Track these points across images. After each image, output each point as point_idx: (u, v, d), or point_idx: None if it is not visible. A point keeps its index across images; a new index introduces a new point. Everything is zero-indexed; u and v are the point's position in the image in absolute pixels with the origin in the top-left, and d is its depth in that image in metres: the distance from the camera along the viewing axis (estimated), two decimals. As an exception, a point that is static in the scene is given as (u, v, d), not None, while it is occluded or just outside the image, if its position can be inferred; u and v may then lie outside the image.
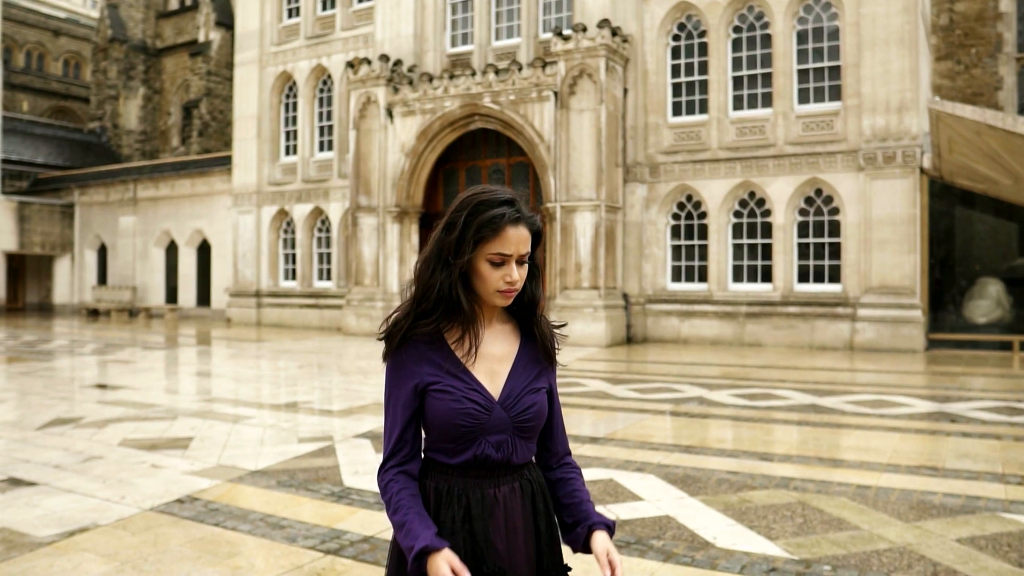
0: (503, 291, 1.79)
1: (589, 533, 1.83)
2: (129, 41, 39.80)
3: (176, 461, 6.53)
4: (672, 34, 19.23)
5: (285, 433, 7.77)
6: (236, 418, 8.62)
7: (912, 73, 16.39)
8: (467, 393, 1.78)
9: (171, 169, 30.41)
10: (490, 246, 1.78)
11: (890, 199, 16.43)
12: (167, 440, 7.40)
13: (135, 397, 10.15)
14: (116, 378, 12.26)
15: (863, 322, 16.55)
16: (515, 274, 1.80)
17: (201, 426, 8.12)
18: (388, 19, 22.62)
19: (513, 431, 1.82)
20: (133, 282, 30.38)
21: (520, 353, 1.89)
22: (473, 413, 1.77)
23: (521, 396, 1.83)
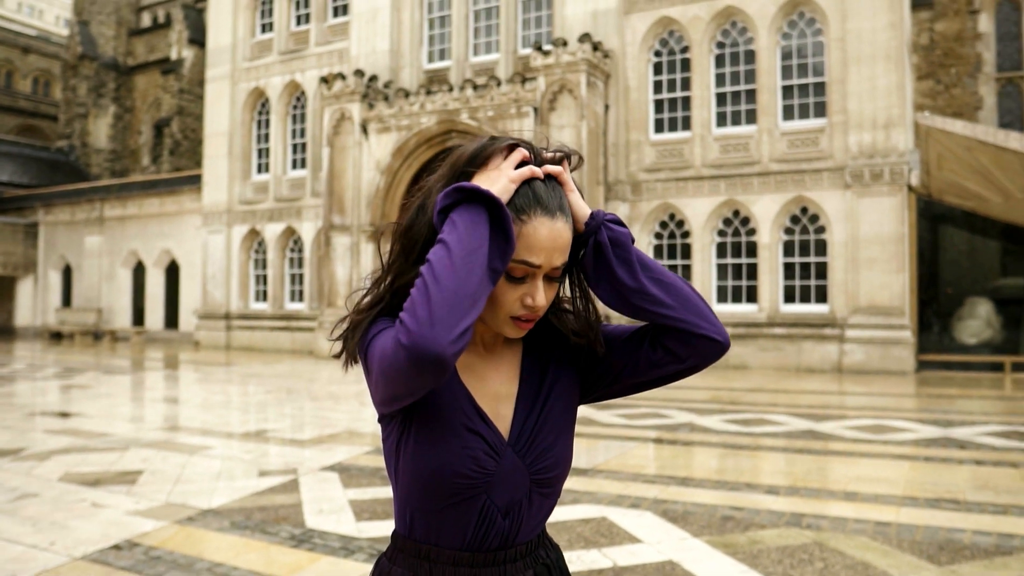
0: (519, 318, 1.22)
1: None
2: (100, 58, 39.02)
3: (120, 499, 5.86)
4: (654, 50, 18.88)
5: (245, 465, 7.12)
6: (193, 449, 7.95)
7: (899, 89, 16.10)
8: (470, 429, 1.24)
9: (140, 188, 29.62)
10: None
11: (878, 217, 16.07)
12: (114, 474, 6.73)
13: (87, 425, 9.43)
14: (70, 404, 11.52)
15: (852, 343, 16.13)
16: (540, 296, 1.21)
17: (154, 458, 7.45)
18: (364, 34, 22.14)
19: (531, 485, 1.25)
20: (99, 304, 29.46)
21: (527, 372, 1.34)
22: (479, 458, 1.21)
23: (540, 434, 1.27)
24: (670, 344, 1.27)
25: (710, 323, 1.25)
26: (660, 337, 1.28)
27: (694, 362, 1.27)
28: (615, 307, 1.27)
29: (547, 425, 1.28)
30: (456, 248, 1.06)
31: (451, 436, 1.21)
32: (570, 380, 1.35)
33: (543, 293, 1.21)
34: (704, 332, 1.24)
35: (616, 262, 1.23)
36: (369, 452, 7.71)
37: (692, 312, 1.24)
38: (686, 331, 1.24)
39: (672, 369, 1.29)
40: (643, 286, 1.23)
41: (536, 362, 1.34)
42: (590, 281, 1.27)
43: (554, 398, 1.31)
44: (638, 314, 1.26)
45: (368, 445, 8.12)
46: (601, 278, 1.25)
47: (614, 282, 1.24)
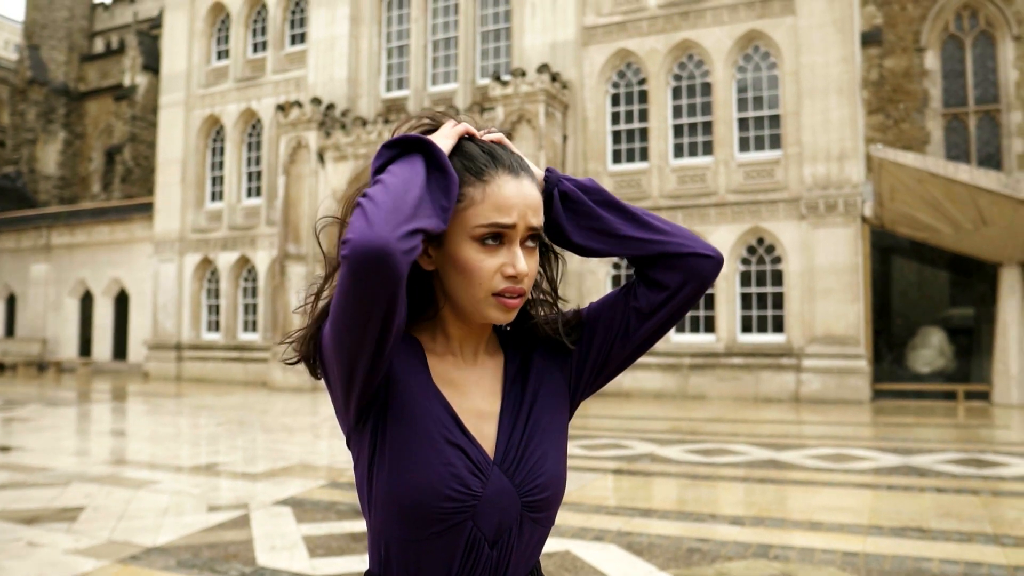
0: (502, 294, 1.09)
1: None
2: (50, 84, 38.30)
3: (59, 537, 5.55)
4: (612, 81, 19.03)
5: (194, 500, 6.83)
6: (140, 483, 7.62)
7: (851, 122, 16.41)
8: (451, 442, 1.09)
9: (89, 215, 28.96)
10: (473, 212, 1.08)
11: (833, 248, 16.28)
12: (54, 511, 6.40)
13: (27, 459, 9.02)
14: (10, 438, 11.05)
15: (808, 373, 16.23)
16: (521, 262, 1.09)
17: (97, 493, 7.11)
18: (321, 63, 22.02)
19: (521, 509, 1.11)
20: (44, 334, 28.61)
21: (510, 384, 1.19)
22: (463, 476, 1.07)
23: (527, 450, 1.13)
24: (661, 277, 1.17)
25: (701, 242, 1.18)
26: (646, 277, 1.19)
27: (692, 286, 1.17)
28: (594, 248, 1.18)
29: (534, 439, 1.14)
30: (391, 180, 0.97)
31: (429, 450, 1.06)
32: (555, 385, 1.21)
33: (524, 259, 1.09)
34: (699, 250, 1.17)
35: (592, 204, 1.17)
36: (324, 486, 7.47)
37: (683, 235, 1.18)
38: (680, 253, 1.16)
39: (666, 309, 1.19)
40: (633, 215, 1.17)
41: (518, 372, 1.20)
42: (565, 234, 1.17)
43: (539, 408, 1.17)
44: (626, 246, 1.17)
45: (323, 478, 7.87)
46: (580, 224, 1.17)
47: (595, 220, 1.16)
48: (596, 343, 1.21)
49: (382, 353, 1.02)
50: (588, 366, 1.23)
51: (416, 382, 1.11)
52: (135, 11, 39.27)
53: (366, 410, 1.10)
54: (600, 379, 1.25)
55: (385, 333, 0.99)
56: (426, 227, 0.96)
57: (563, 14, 19.09)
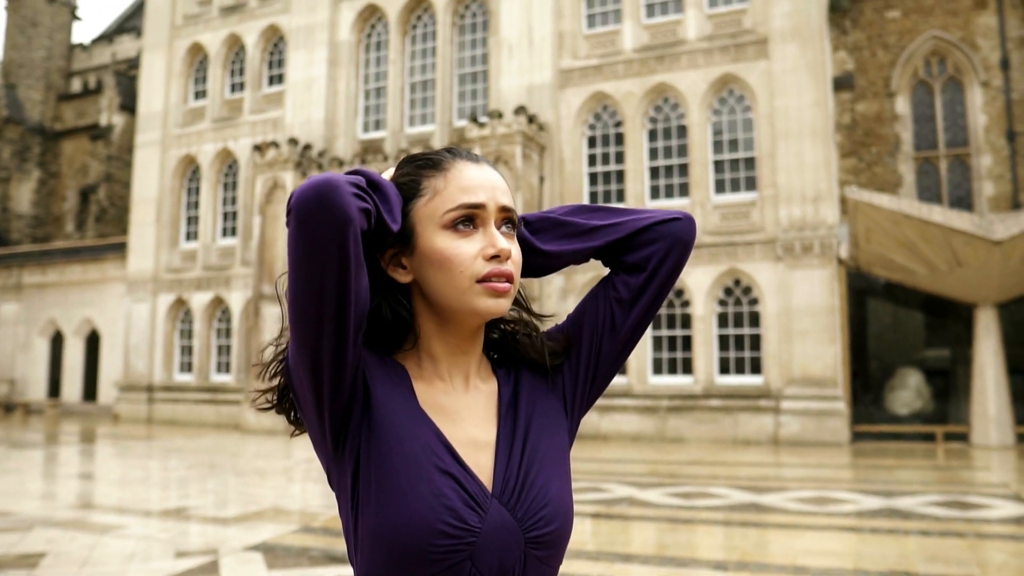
0: (488, 279, 1.02)
1: None
2: (26, 123, 38.03)
3: (16, 586, 5.31)
4: (588, 123, 19.18)
5: (162, 546, 6.59)
6: (106, 528, 7.37)
7: (826, 164, 16.60)
8: (443, 471, 0.99)
9: (62, 254, 28.57)
10: (439, 200, 1.02)
11: (809, 289, 16.35)
12: (13, 557, 6.14)
13: (-13, 504, 8.71)
14: (-30, 482, 10.69)
15: (787, 415, 16.18)
16: (501, 239, 1.03)
17: (61, 538, 6.86)
18: (299, 103, 22.04)
19: (525, 547, 0.99)
20: (11, 374, 28.01)
21: (505, 410, 1.10)
22: (458, 510, 0.96)
23: (527, 480, 1.03)
24: (640, 256, 1.13)
25: (667, 211, 1.15)
26: (623, 264, 1.15)
27: (676, 253, 1.13)
28: (566, 251, 1.14)
29: (534, 466, 1.04)
30: None
31: (419, 481, 0.96)
32: (549, 406, 1.13)
33: (502, 237, 1.03)
34: (669, 215, 1.14)
35: (557, 216, 1.15)
36: (296, 531, 7.25)
37: (649, 210, 1.15)
38: (652, 223, 1.13)
39: (651, 289, 1.13)
40: (599, 208, 1.16)
41: (512, 397, 1.11)
42: (534, 247, 1.13)
43: (536, 432, 1.08)
44: (598, 235, 1.13)
45: (295, 523, 7.64)
46: (548, 237, 1.14)
47: (562, 227, 1.14)
48: (584, 346, 1.15)
49: (345, 336, 0.93)
50: (581, 372, 1.15)
51: (401, 408, 1.01)
52: (113, 51, 39.28)
53: (342, 432, 1.00)
54: (597, 383, 1.17)
55: (343, 303, 0.91)
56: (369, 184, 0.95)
57: (540, 57, 19.28)
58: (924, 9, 21.89)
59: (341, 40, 22.13)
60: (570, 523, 1.05)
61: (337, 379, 0.96)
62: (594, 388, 1.17)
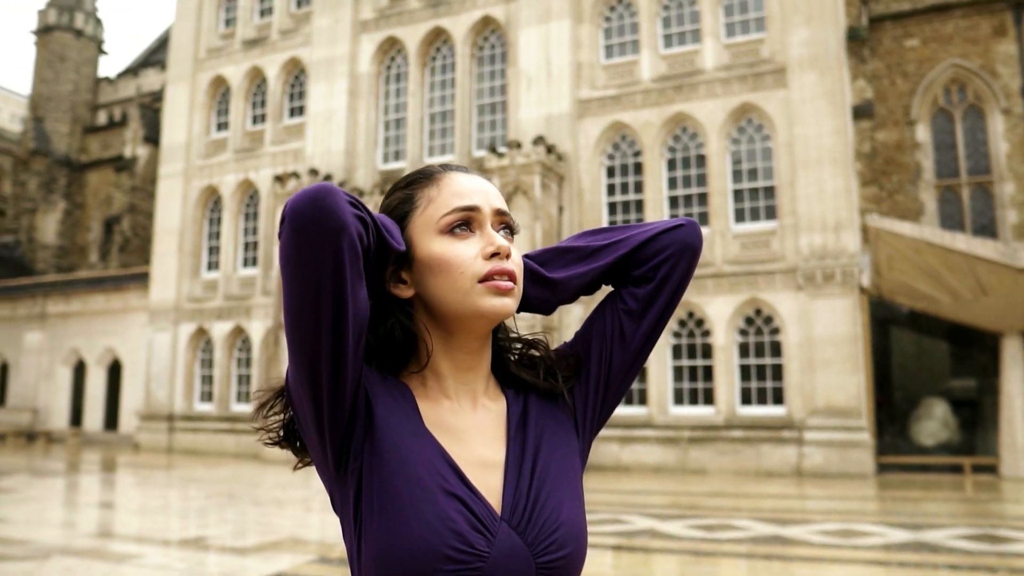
0: (490, 278, 1.00)
1: None
2: (52, 155, 38.68)
3: (31, 617, 5.29)
4: (607, 153, 19.21)
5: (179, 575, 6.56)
6: (123, 557, 7.35)
7: (846, 192, 16.51)
8: (448, 492, 0.95)
9: (85, 284, 28.88)
10: (434, 207, 1.02)
11: (831, 318, 16.17)
12: (28, 589, 6.12)
13: (7, 531, 8.73)
14: (-10, 511, 10.72)
15: (810, 446, 15.94)
16: (498, 238, 1.02)
17: (78, 568, 6.84)
18: (319, 135, 22.26)
19: (536, 573, 0.95)
20: (35, 403, 28.21)
21: (514, 430, 1.06)
22: (464, 533, 0.92)
23: (538, 502, 0.99)
24: (648, 268, 1.11)
25: (669, 220, 1.14)
26: (630, 278, 1.13)
27: (686, 259, 1.12)
28: (573, 275, 1.12)
29: (545, 488, 1.00)
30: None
31: (423, 503, 0.92)
32: (559, 425, 1.09)
33: (500, 236, 1.03)
34: (672, 224, 1.13)
35: (560, 246, 1.14)
36: (313, 561, 7.19)
37: (651, 223, 1.14)
38: (656, 232, 1.11)
39: (661, 298, 1.12)
40: (602, 229, 1.15)
41: (521, 417, 1.08)
42: (541, 275, 1.11)
43: (546, 453, 1.04)
44: (604, 254, 1.12)
45: (313, 553, 7.58)
46: (554, 266, 1.13)
47: (567, 254, 1.13)
48: (593, 361, 1.12)
49: (343, 349, 0.91)
50: (591, 389, 1.12)
51: (405, 428, 0.98)
52: (138, 84, 39.93)
53: (344, 452, 0.97)
54: (608, 400, 1.14)
55: (340, 313, 0.89)
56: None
57: (558, 87, 19.39)
58: (943, 37, 21.85)
59: (361, 72, 22.38)
60: (584, 548, 1.01)
61: (337, 395, 0.94)
62: (605, 406, 1.14)
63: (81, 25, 39.48)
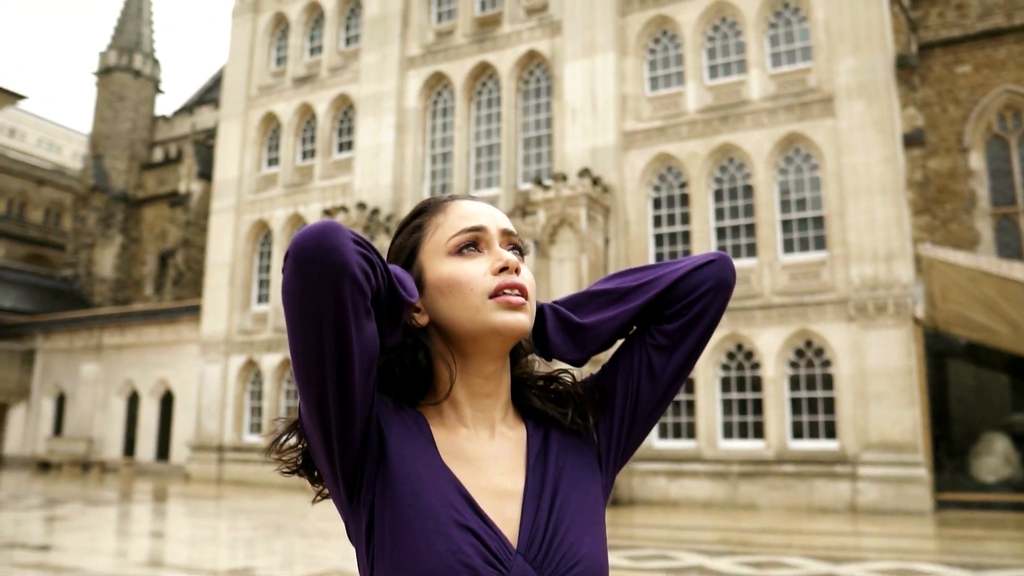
0: (501, 292, 1.00)
1: None
2: (110, 191, 39.86)
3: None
4: (653, 185, 19.17)
5: (222, 609, 6.59)
6: (169, 590, 7.41)
7: (897, 222, 16.21)
8: (461, 525, 0.94)
9: (140, 317, 29.55)
10: (442, 231, 1.03)
11: (884, 350, 15.81)
12: (78, 619, 6.20)
13: (60, 559, 8.88)
14: (46, 537, 10.93)
15: (865, 481, 15.53)
16: (506, 254, 1.02)
17: (126, 600, 6.91)
18: (367, 169, 22.60)
19: None
20: (90, 433, 28.82)
21: (534, 459, 1.04)
22: (476, 567, 0.90)
23: (557, 535, 0.97)
24: (680, 305, 1.08)
25: (700, 256, 1.11)
26: (661, 316, 1.10)
27: (721, 296, 1.09)
28: (604, 319, 1.09)
29: (564, 521, 0.98)
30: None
31: (435, 536, 0.91)
32: (581, 458, 1.07)
33: (508, 253, 1.03)
34: (703, 260, 1.10)
35: (589, 291, 1.12)
36: (356, 596, 7.17)
37: (682, 260, 1.12)
38: (689, 270, 1.09)
39: (695, 333, 1.09)
40: (631, 270, 1.13)
41: (542, 447, 1.06)
42: (571, 321, 1.09)
43: (567, 486, 1.02)
44: (636, 295, 1.09)
45: (356, 588, 7.57)
46: (585, 311, 1.10)
47: (597, 298, 1.10)
48: (619, 394, 1.10)
49: (349, 385, 0.90)
50: (616, 422, 1.10)
51: (418, 459, 0.97)
52: (193, 122, 41.08)
53: (356, 484, 0.97)
54: (634, 434, 1.11)
55: (344, 351, 0.88)
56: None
57: (603, 120, 19.45)
58: (995, 63, 21.48)
59: (408, 107, 22.73)
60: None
61: (345, 428, 0.93)
62: (631, 441, 1.12)
63: (139, 66, 40.82)
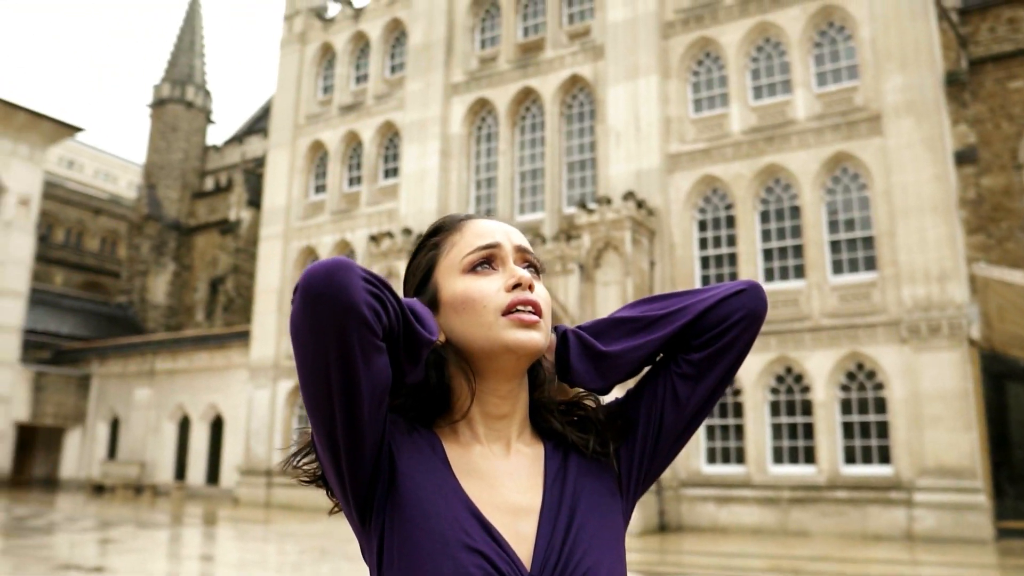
0: (515, 309, 0.99)
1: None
2: (163, 219, 40.85)
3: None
4: (698, 207, 19.04)
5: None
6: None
7: (950, 241, 15.85)
8: (470, 548, 0.92)
9: (191, 342, 30.11)
10: (457, 250, 1.03)
11: (939, 372, 15.41)
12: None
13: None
14: (99, 559, 11.13)
15: (921, 508, 15.09)
16: (520, 271, 1.02)
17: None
18: (412, 195, 22.83)
19: None
20: (143, 457, 29.33)
21: (551, 480, 1.03)
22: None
23: (573, 557, 0.95)
24: (708, 336, 1.05)
25: (729, 284, 1.08)
26: (688, 346, 1.07)
27: (751, 328, 1.05)
28: (628, 348, 1.06)
29: (580, 544, 0.96)
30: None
31: (443, 559, 0.90)
32: (600, 483, 1.05)
33: (522, 270, 1.02)
34: (733, 289, 1.06)
35: (612, 318, 1.09)
36: (401, 622, 7.15)
37: (710, 289, 1.08)
38: (718, 300, 1.05)
39: (722, 363, 1.06)
40: (658, 297, 1.09)
41: (560, 467, 1.05)
42: (595, 348, 1.06)
43: (585, 508, 1.00)
44: (663, 324, 1.06)
45: (401, 614, 7.55)
46: (609, 338, 1.07)
47: (621, 325, 1.07)
48: (642, 421, 1.08)
49: (357, 418, 0.90)
50: (638, 449, 1.08)
51: (429, 481, 0.97)
52: (243, 151, 41.99)
53: (367, 508, 0.97)
54: (657, 462, 1.09)
55: (351, 386, 0.88)
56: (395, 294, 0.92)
57: (647, 143, 19.41)
58: (1051, 78, 21.03)
59: (453, 133, 22.95)
60: None
61: (355, 458, 0.94)
62: (652, 468, 1.09)
63: (192, 97, 41.91)
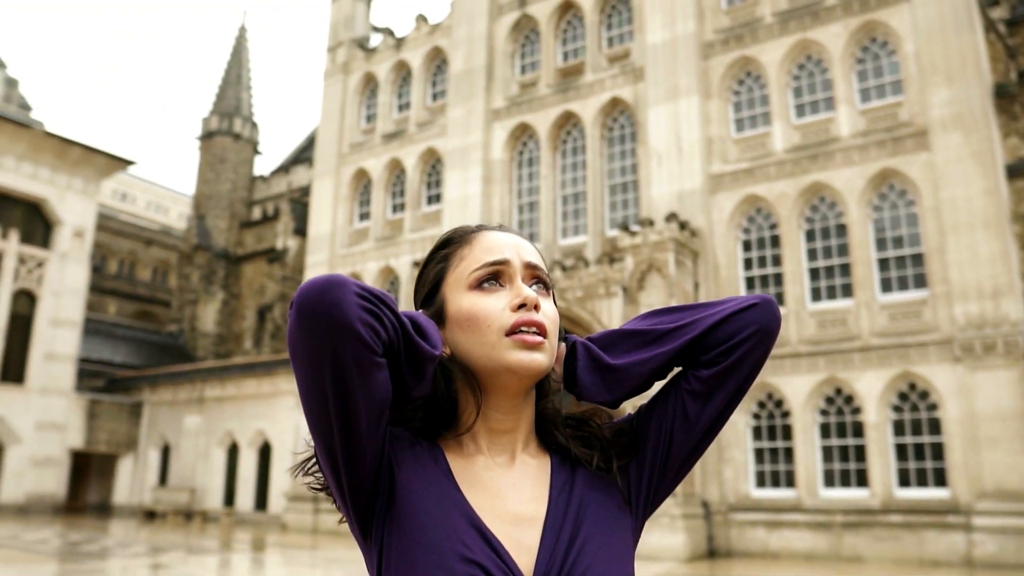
0: (518, 330, 0.98)
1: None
2: (212, 249, 41.66)
3: None
4: (742, 227, 18.86)
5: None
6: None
7: (1003, 257, 15.47)
8: (468, 559, 0.91)
9: (239, 370, 30.54)
10: (465, 264, 1.02)
11: (995, 392, 14.98)
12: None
13: (161, 610, 9.12)
14: (148, 588, 11.26)
15: (981, 532, 14.62)
16: (526, 290, 1.00)
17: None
18: (455, 220, 22.97)
19: None
20: (193, 483, 29.73)
21: (557, 492, 1.02)
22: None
23: (576, 570, 0.93)
24: (718, 351, 1.03)
25: (741, 298, 1.05)
26: (698, 362, 1.05)
27: (763, 345, 1.03)
28: (636, 361, 1.04)
29: (584, 558, 0.94)
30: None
31: (437, 571, 0.89)
32: (608, 498, 1.04)
33: (528, 289, 1.00)
34: (745, 303, 1.03)
35: (622, 330, 1.07)
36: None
37: (721, 302, 1.06)
38: (729, 314, 1.03)
39: (733, 380, 1.03)
40: (668, 309, 1.08)
41: (567, 479, 1.04)
42: (602, 361, 1.04)
43: (591, 523, 0.99)
44: (672, 338, 1.04)
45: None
46: (617, 351, 1.05)
47: (630, 338, 1.05)
48: (651, 439, 1.06)
49: (355, 433, 0.90)
50: (647, 467, 1.06)
51: (429, 493, 0.97)
52: (289, 181, 42.74)
53: (367, 521, 0.98)
54: (667, 480, 1.07)
55: (348, 403, 0.88)
56: (395, 308, 0.91)
57: (689, 164, 19.32)
58: (1105, 89, 20.45)
59: (494, 159, 23.10)
60: None
61: (355, 472, 0.94)
62: (662, 486, 1.07)
63: (239, 129, 42.84)
